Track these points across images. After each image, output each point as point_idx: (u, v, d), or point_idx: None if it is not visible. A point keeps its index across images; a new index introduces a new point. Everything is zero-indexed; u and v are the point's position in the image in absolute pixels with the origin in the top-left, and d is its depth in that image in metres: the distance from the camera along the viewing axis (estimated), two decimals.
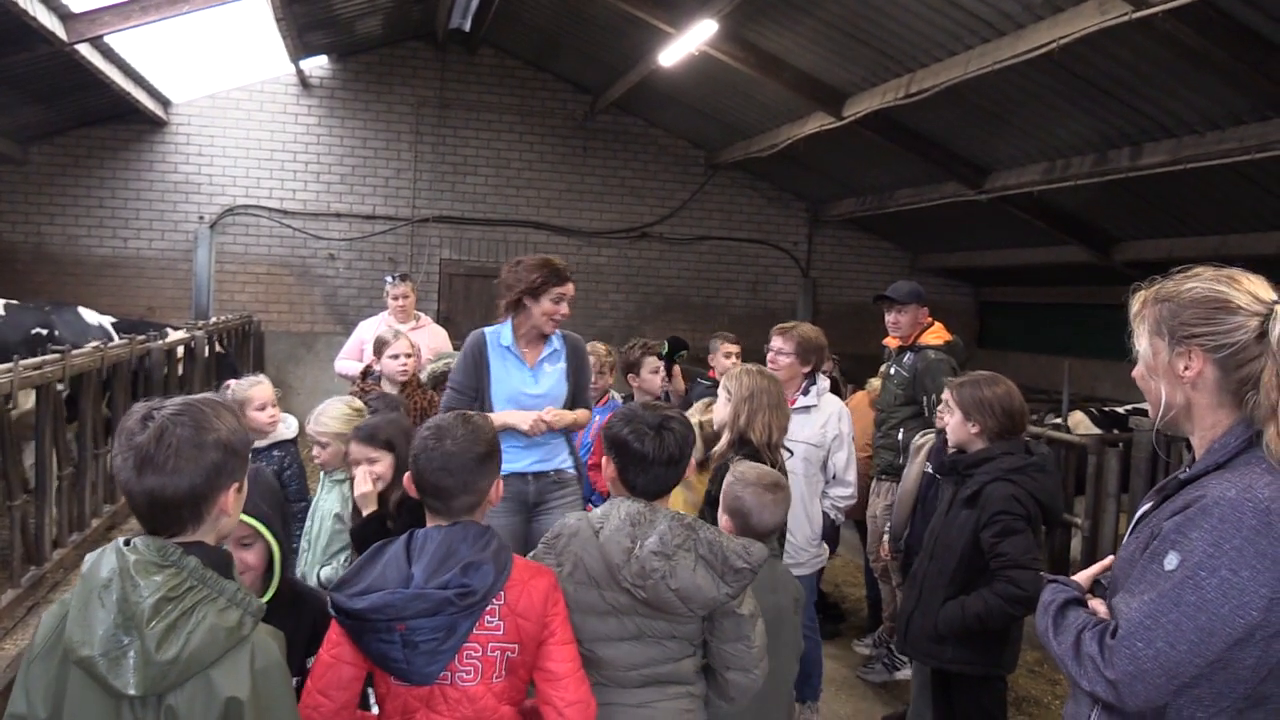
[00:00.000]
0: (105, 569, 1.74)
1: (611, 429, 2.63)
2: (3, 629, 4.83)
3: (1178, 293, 1.89)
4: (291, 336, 12.65)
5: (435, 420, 2.47)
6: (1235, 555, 1.74)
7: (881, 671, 5.62)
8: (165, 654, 1.68)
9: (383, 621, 2.15)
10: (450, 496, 2.32)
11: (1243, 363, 1.81)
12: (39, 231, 12.11)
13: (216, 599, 1.76)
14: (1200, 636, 1.75)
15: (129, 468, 1.80)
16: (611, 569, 2.43)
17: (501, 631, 2.27)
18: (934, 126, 9.57)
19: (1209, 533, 1.78)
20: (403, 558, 2.24)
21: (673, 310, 13.72)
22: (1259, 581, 1.73)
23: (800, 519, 4.57)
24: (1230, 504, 1.77)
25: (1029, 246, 11.49)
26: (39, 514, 5.48)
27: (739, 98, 11.09)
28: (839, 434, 4.71)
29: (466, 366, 4.26)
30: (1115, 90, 7.38)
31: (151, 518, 1.83)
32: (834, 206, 13.59)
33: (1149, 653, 1.79)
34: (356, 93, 12.80)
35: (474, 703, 2.25)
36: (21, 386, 5.01)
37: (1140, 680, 1.80)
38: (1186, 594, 1.77)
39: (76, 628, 1.70)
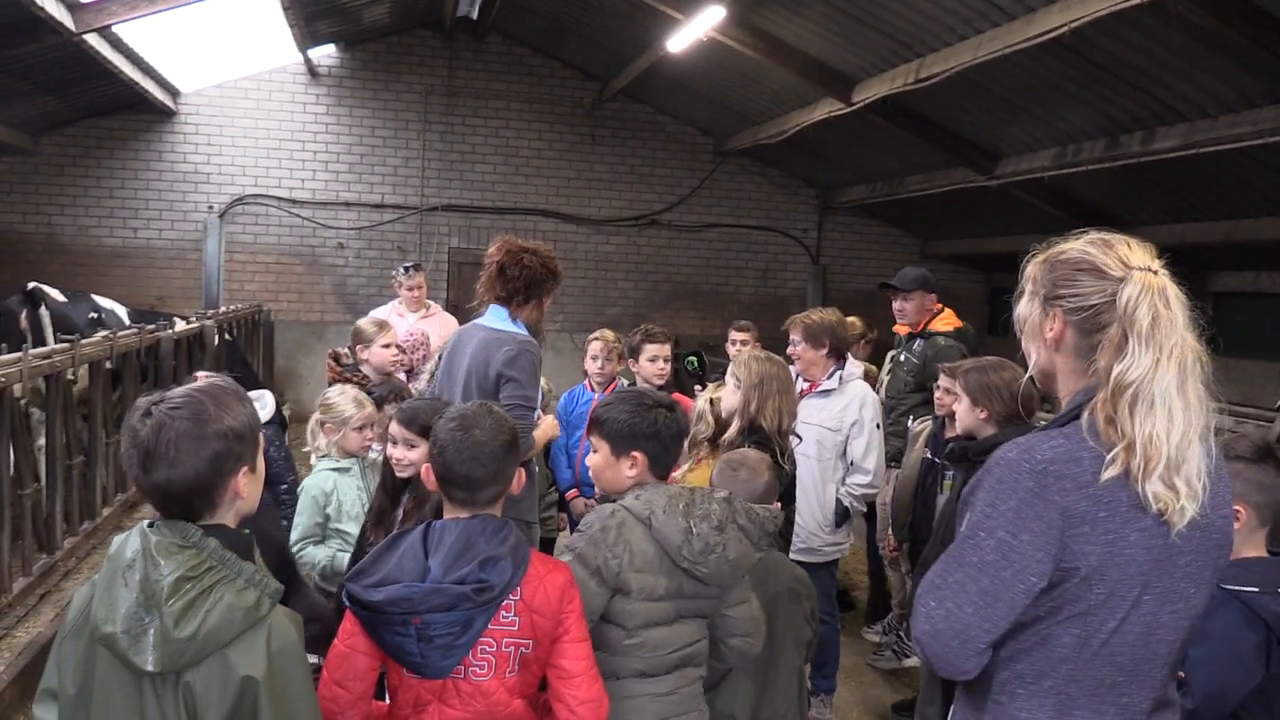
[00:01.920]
0: (129, 550, 1.79)
1: (639, 419, 2.62)
2: (15, 616, 4.85)
3: (1055, 254, 1.86)
4: (301, 326, 12.67)
5: (457, 410, 2.44)
6: (1012, 517, 1.71)
7: (891, 659, 5.62)
8: (183, 631, 1.71)
9: (398, 614, 2.14)
10: (480, 487, 2.30)
11: (1098, 327, 1.76)
12: (50, 222, 12.14)
13: (235, 579, 1.80)
14: (985, 599, 1.73)
15: (135, 464, 1.85)
16: (670, 551, 2.48)
17: (516, 627, 2.26)
18: (944, 112, 9.52)
19: (987, 492, 1.77)
20: (419, 549, 2.22)
21: (682, 298, 13.70)
22: (1036, 545, 1.70)
23: (811, 504, 4.56)
24: (1008, 464, 1.75)
25: (1040, 233, 11.34)
26: (50, 502, 5.50)
27: (748, 84, 11.04)
28: (859, 420, 4.68)
29: (537, 381, 3.96)
30: (1127, 74, 7.31)
31: (165, 508, 1.87)
32: (843, 193, 13.54)
33: (940, 612, 1.78)
34: (364, 81, 12.79)
35: (487, 697, 2.24)
36: (31, 376, 5.02)
37: (936, 641, 1.79)
38: (969, 554, 1.76)
39: (101, 606, 1.75)
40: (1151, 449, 1.66)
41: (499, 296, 4.01)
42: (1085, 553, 1.70)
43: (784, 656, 3.04)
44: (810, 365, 4.75)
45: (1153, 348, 1.69)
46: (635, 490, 2.59)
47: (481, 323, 4.04)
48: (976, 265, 14.27)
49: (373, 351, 5.20)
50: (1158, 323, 1.70)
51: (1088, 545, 1.70)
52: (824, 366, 4.76)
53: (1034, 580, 1.71)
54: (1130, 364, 1.69)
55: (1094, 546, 1.69)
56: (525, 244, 4.07)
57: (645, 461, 2.62)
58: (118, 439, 6.61)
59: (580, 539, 2.51)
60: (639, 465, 2.62)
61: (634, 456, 2.61)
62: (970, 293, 14.11)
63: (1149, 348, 1.69)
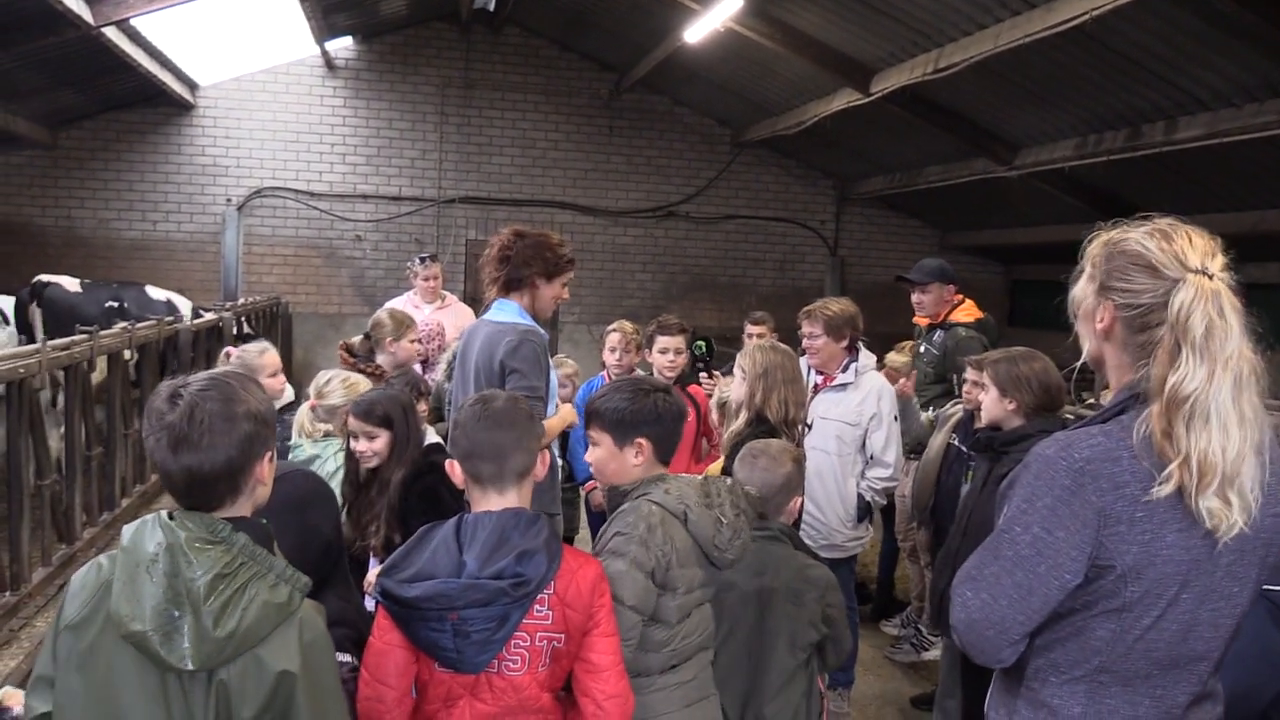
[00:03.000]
0: (151, 543, 1.75)
1: (639, 405, 2.60)
2: (35, 606, 4.88)
3: (1116, 240, 1.81)
4: (319, 318, 12.71)
5: (475, 395, 2.47)
6: (1048, 514, 1.71)
7: (909, 651, 5.60)
8: (222, 630, 1.71)
9: (434, 610, 2.11)
10: (506, 456, 2.27)
11: (1147, 326, 1.73)
12: (69, 215, 12.21)
13: (266, 575, 1.79)
14: (1019, 593, 1.74)
15: (163, 447, 1.81)
16: (703, 543, 2.52)
17: (550, 621, 2.24)
18: (963, 102, 9.44)
19: (1024, 488, 1.76)
20: (453, 543, 2.20)
21: (699, 290, 13.67)
22: (1071, 543, 1.69)
23: (833, 498, 4.52)
24: (1046, 461, 1.74)
25: (1061, 223, 11.33)
26: (69, 493, 5.53)
27: (765, 75, 10.98)
28: (877, 413, 4.62)
29: (543, 369, 3.85)
30: (1148, 63, 7.23)
31: (190, 494, 1.84)
32: (862, 184, 13.46)
33: (976, 602, 1.79)
34: (381, 74, 12.80)
35: (519, 692, 2.23)
36: (50, 368, 5.04)
37: (972, 630, 1.80)
38: (1004, 548, 1.77)
39: (124, 602, 1.71)
40: (1206, 465, 1.64)
41: (498, 287, 3.96)
42: (1121, 551, 1.69)
43: (774, 655, 2.97)
44: (830, 358, 4.68)
45: (1208, 359, 1.65)
46: (660, 485, 2.56)
47: (487, 317, 4.01)
48: (996, 257, 14.17)
49: (400, 346, 5.19)
50: (1212, 333, 1.66)
51: (1124, 544, 1.69)
52: (840, 359, 4.70)
53: (1068, 577, 1.71)
54: (1185, 376, 1.65)
55: (1130, 546, 1.68)
56: (519, 230, 4.00)
57: (650, 447, 2.60)
58: (137, 430, 6.65)
59: (628, 542, 2.45)
60: (644, 452, 2.60)
61: (638, 444, 2.60)
62: (990, 284, 14.02)
63: (1204, 359, 1.65)
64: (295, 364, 12.14)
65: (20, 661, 4.26)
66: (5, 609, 4.62)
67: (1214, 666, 1.81)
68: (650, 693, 2.49)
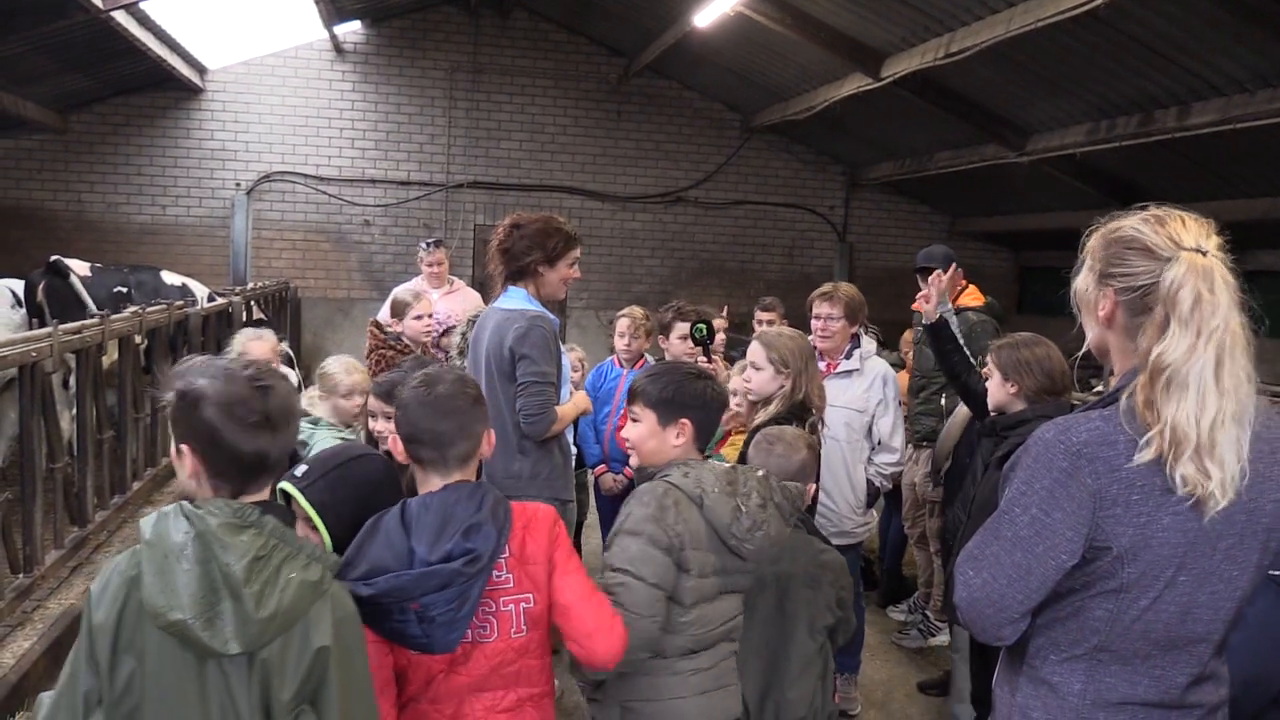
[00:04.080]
0: (177, 533, 1.77)
1: (688, 387, 2.63)
2: (48, 588, 4.92)
3: (1111, 230, 1.84)
4: (328, 303, 12.73)
5: (421, 374, 2.39)
6: (1045, 496, 1.75)
7: (917, 637, 5.61)
8: (264, 611, 1.74)
9: (393, 604, 2.11)
10: (448, 444, 2.25)
11: (1146, 308, 1.75)
12: (79, 199, 12.24)
13: (298, 556, 1.83)
14: (1018, 572, 1.78)
15: (264, 429, 1.85)
16: (720, 530, 2.51)
17: (511, 584, 2.25)
18: (974, 87, 9.39)
19: (1024, 471, 1.81)
20: (398, 532, 2.17)
21: (708, 275, 13.65)
22: (1067, 524, 1.73)
23: (843, 485, 4.52)
24: (1045, 445, 1.78)
25: (1071, 210, 11.29)
26: (81, 476, 5.56)
27: (775, 59, 10.94)
28: (883, 398, 4.62)
29: (553, 355, 3.83)
30: (1162, 47, 7.18)
31: (246, 477, 1.88)
32: (871, 170, 13.42)
33: (977, 581, 1.84)
34: (390, 58, 12.77)
35: (491, 660, 2.24)
36: (62, 350, 5.06)
37: (973, 608, 1.85)
38: (1004, 529, 1.82)
39: (159, 594, 1.72)
40: (1181, 432, 1.67)
41: (504, 275, 3.97)
42: (1117, 533, 1.73)
43: (794, 640, 3.00)
44: (842, 343, 4.67)
45: (1190, 330, 1.68)
46: (680, 467, 2.56)
47: (497, 305, 4.01)
48: (1006, 243, 14.13)
49: (406, 324, 5.31)
50: (1199, 305, 1.68)
51: (1119, 526, 1.72)
52: (845, 345, 4.70)
53: (1064, 558, 1.76)
54: (1167, 346, 1.69)
55: (1126, 528, 1.72)
56: (516, 220, 3.98)
57: (692, 431, 2.62)
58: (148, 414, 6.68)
59: (641, 520, 2.46)
60: (686, 434, 2.62)
61: (682, 424, 2.62)
62: (999, 271, 13.98)
63: (1187, 330, 1.68)
64: (304, 348, 12.17)
65: (34, 643, 4.30)
66: (19, 591, 4.66)
67: (1215, 649, 1.83)
68: (666, 675, 2.51)
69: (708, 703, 2.57)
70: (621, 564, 2.44)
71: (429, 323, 5.42)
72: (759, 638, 2.96)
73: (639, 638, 2.41)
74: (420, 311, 5.37)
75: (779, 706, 2.96)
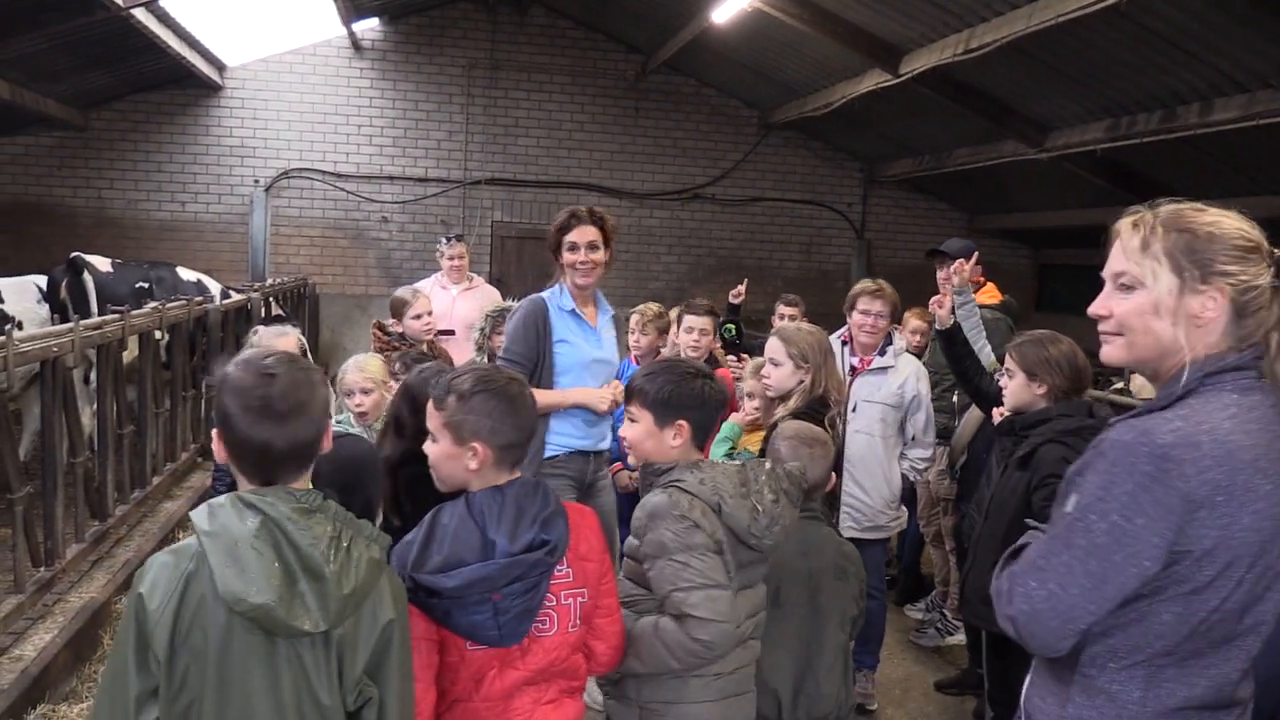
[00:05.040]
0: (244, 521, 1.78)
1: (685, 387, 2.61)
2: (69, 582, 4.96)
3: (1198, 224, 1.75)
4: (346, 299, 12.77)
5: (505, 374, 2.40)
6: (1127, 500, 1.67)
7: (934, 636, 5.59)
8: (346, 588, 1.80)
9: (476, 595, 2.11)
10: (526, 445, 2.34)
11: (1257, 309, 1.72)
12: (100, 196, 12.32)
13: (360, 536, 1.90)
14: (1092, 582, 1.71)
15: (266, 418, 1.85)
16: (739, 533, 2.51)
17: (570, 578, 2.29)
18: (994, 83, 9.33)
19: (1100, 475, 1.72)
20: (470, 524, 2.18)
21: (725, 272, 13.60)
22: (1152, 530, 1.66)
23: (878, 481, 4.55)
24: (1125, 448, 1.70)
25: (1091, 206, 11.21)
26: (101, 470, 5.60)
27: (793, 55, 10.90)
28: (917, 394, 4.66)
29: (526, 335, 3.94)
30: (1184, 43, 7.12)
31: (282, 465, 1.88)
32: (889, 167, 13.36)
33: (1041, 593, 1.75)
34: (408, 55, 12.80)
35: (548, 654, 2.25)
36: (83, 346, 5.10)
37: (1034, 621, 1.76)
38: (1076, 537, 1.73)
39: (234, 581, 1.74)
40: None
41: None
42: (1200, 536, 1.67)
43: (827, 632, 3.01)
44: (878, 340, 4.68)
45: None
46: (692, 471, 2.55)
47: None
48: (1025, 240, 14.04)
49: (405, 323, 5.29)
50: None
51: (1203, 529, 1.67)
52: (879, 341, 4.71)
53: (1148, 564, 1.69)
54: None
55: (1209, 530, 1.67)
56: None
57: (689, 431, 2.60)
58: (168, 409, 6.72)
59: (684, 532, 2.42)
60: (683, 435, 2.60)
61: (679, 426, 2.60)
62: (1018, 268, 13.90)
63: None
64: (322, 345, 12.23)
65: (55, 635, 4.33)
66: (40, 584, 4.69)
67: (1261, 641, 1.79)
68: (690, 678, 2.50)
69: (726, 710, 2.57)
70: (695, 580, 2.40)
71: (428, 321, 5.39)
72: (792, 633, 2.96)
73: (727, 643, 2.44)
74: (419, 310, 5.34)
75: (811, 700, 2.96)
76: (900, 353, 4.75)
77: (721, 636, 2.40)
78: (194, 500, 6.32)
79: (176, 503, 6.37)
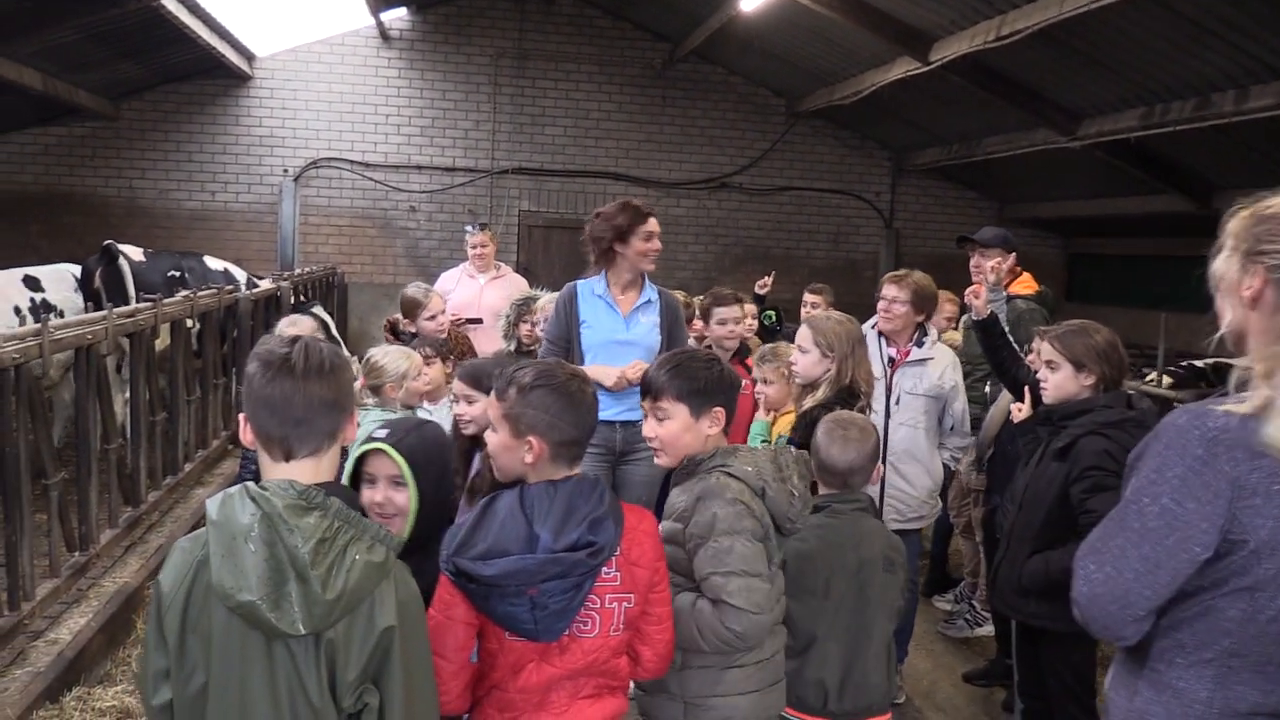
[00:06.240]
0: (244, 515, 1.77)
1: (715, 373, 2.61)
2: (103, 567, 5.02)
3: (1262, 209, 1.75)
4: (374, 288, 12.83)
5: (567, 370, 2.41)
6: (1178, 484, 1.65)
7: (963, 627, 5.56)
8: (330, 593, 1.75)
9: (513, 586, 2.10)
10: (585, 443, 2.33)
11: None
12: (131, 186, 12.44)
13: (362, 537, 1.84)
14: (1146, 566, 1.68)
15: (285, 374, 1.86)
16: (779, 517, 2.54)
17: (618, 582, 2.26)
18: (1025, 71, 9.22)
19: (1155, 458, 1.70)
20: (520, 516, 2.17)
21: (752, 262, 13.56)
22: (1201, 515, 1.64)
23: (920, 473, 4.54)
24: (1178, 430, 1.68)
25: (1123, 196, 11.08)
26: (134, 457, 5.67)
27: (821, 43, 10.83)
28: (955, 383, 4.65)
29: (557, 319, 4.42)
30: (1219, 29, 7.01)
31: (293, 431, 1.87)
32: (919, 155, 13.26)
33: (1099, 576, 1.74)
34: (436, 44, 12.83)
35: (588, 655, 2.24)
36: (116, 334, 5.16)
37: (1094, 604, 1.75)
38: (1131, 520, 1.72)
39: (227, 575, 1.73)
40: None
41: (595, 262, 4.39)
42: (1256, 526, 1.63)
43: (876, 624, 3.00)
44: (905, 329, 4.62)
45: None
46: (736, 456, 2.54)
47: None
48: (1055, 229, 13.90)
49: (420, 324, 5.25)
50: None
51: (1259, 518, 1.63)
52: (911, 332, 4.66)
53: (1198, 550, 1.66)
54: None
55: (1265, 520, 1.63)
56: (597, 211, 4.43)
57: (724, 416, 2.62)
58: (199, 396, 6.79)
59: (734, 518, 2.43)
60: (719, 421, 2.61)
61: (715, 413, 2.60)
62: (1048, 258, 13.75)
63: None
64: (350, 333, 12.29)
65: (90, 619, 4.39)
66: (75, 568, 4.76)
67: None
68: (732, 668, 2.51)
69: (764, 699, 2.58)
70: (736, 567, 2.41)
71: (442, 320, 5.37)
72: (841, 624, 2.95)
73: (759, 634, 2.46)
74: (433, 311, 5.29)
75: (857, 690, 2.96)
76: (935, 342, 4.72)
77: (755, 628, 2.42)
78: (225, 486, 6.38)
79: (208, 489, 6.44)
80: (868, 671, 2.97)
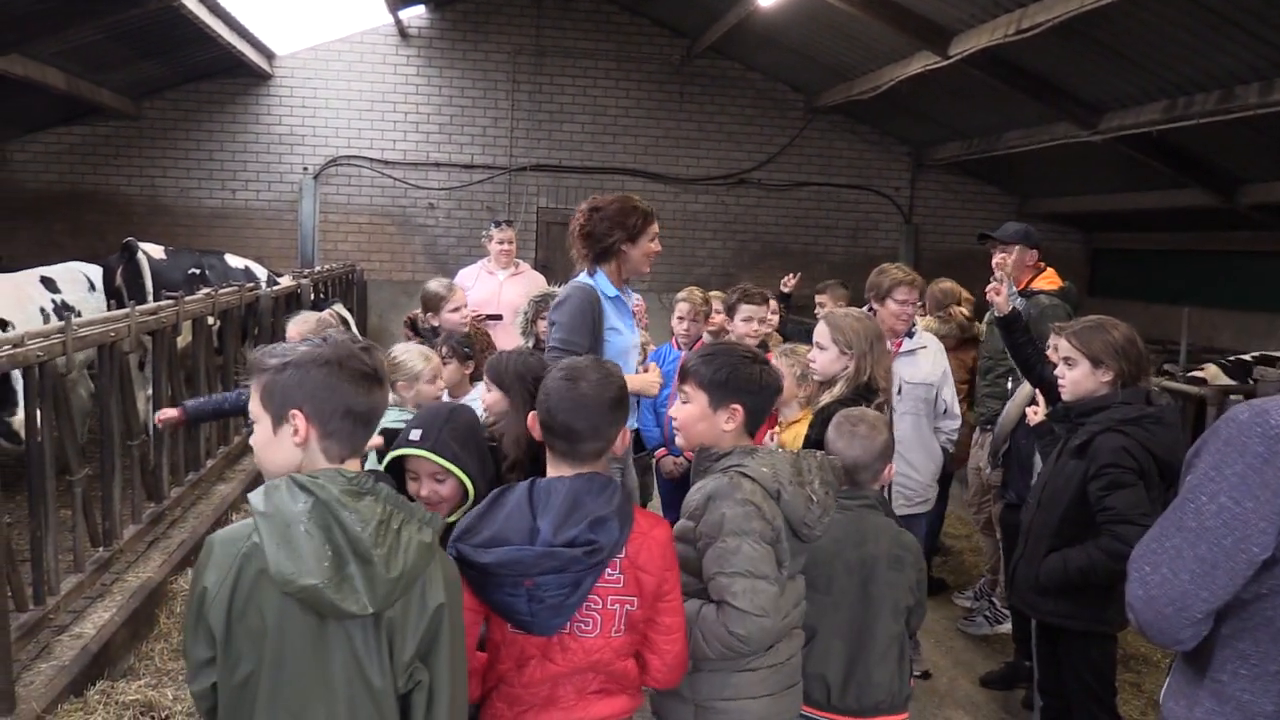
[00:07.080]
0: (296, 503, 1.80)
1: (742, 370, 2.59)
2: (126, 562, 5.06)
3: None
4: (393, 285, 12.88)
5: (569, 362, 2.44)
6: (1237, 482, 1.58)
7: (983, 624, 5.54)
8: (392, 572, 1.81)
9: (509, 577, 2.13)
10: (579, 440, 2.28)
11: None
12: (153, 184, 12.54)
13: (411, 519, 1.90)
14: (1202, 567, 1.61)
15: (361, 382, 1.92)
16: (794, 521, 2.52)
17: (621, 584, 2.26)
18: (1046, 64, 9.16)
19: (1213, 455, 1.64)
20: (526, 508, 2.20)
21: (770, 258, 13.54)
22: (1260, 514, 1.57)
23: (924, 458, 4.66)
24: (1239, 426, 1.61)
25: (1145, 190, 10.98)
26: (156, 453, 5.71)
27: (840, 38, 10.79)
28: (944, 369, 4.80)
29: (583, 324, 3.83)
30: (1243, 20, 6.94)
31: (358, 431, 1.94)
32: (938, 150, 13.19)
33: (1155, 578, 1.67)
34: (454, 42, 12.85)
35: (590, 655, 2.25)
36: (139, 331, 5.19)
37: (1149, 607, 1.68)
38: (1188, 519, 1.65)
39: (285, 561, 1.76)
40: None
41: (589, 259, 3.97)
42: None
43: (880, 622, 2.98)
44: (906, 326, 4.70)
45: None
46: (753, 457, 2.54)
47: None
48: (1076, 224, 13.80)
49: (443, 317, 5.25)
50: None
51: None
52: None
53: (1256, 551, 1.59)
54: None
55: None
56: (594, 203, 3.98)
57: (743, 416, 2.59)
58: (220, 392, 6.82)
59: (743, 518, 2.42)
60: (737, 419, 2.59)
61: (734, 409, 2.58)
62: (1070, 253, 13.66)
63: None
64: (370, 330, 12.35)
65: (114, 614, 4.43)
66: (99, 564, 4.80)
67: None
68: (741, 672, 2.50)
69: (778, 703, 2.57)
70: (742, 568, 2.40)
71: (466, 314, 5.38)
72: (844, 620, 2.94)
73: (764, 638, 2.44)
74: (456, 304, 5.30)
75: (861, 687, 2.95)
76: (919, 332, 4.88)
77: (759, 632, 2.39)
78: (246, 483, 6.43)
79: (229, 485, 6.48)
80: (871, 669, 2.95)
